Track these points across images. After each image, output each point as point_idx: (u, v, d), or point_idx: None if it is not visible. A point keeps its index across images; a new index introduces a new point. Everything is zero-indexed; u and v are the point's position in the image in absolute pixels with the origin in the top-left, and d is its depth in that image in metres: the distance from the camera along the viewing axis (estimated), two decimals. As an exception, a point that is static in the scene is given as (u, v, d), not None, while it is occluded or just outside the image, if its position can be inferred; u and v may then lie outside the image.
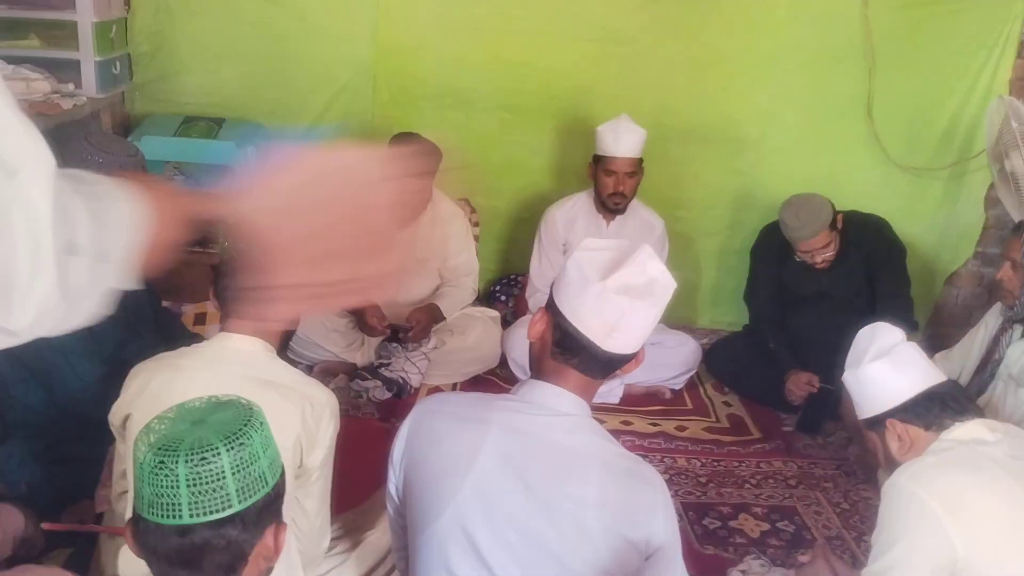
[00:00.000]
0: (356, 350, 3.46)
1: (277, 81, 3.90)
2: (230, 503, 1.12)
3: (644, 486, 1.49)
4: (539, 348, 1.54)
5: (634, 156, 3.45)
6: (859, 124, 3.89)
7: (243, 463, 1.13)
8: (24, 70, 2.97)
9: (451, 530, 1.48)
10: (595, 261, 1.46)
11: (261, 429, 1.18)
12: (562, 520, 1.44)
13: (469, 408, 1.56)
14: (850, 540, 2.73)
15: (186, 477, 1.09)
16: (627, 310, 1.42)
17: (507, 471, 1.46)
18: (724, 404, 3.57)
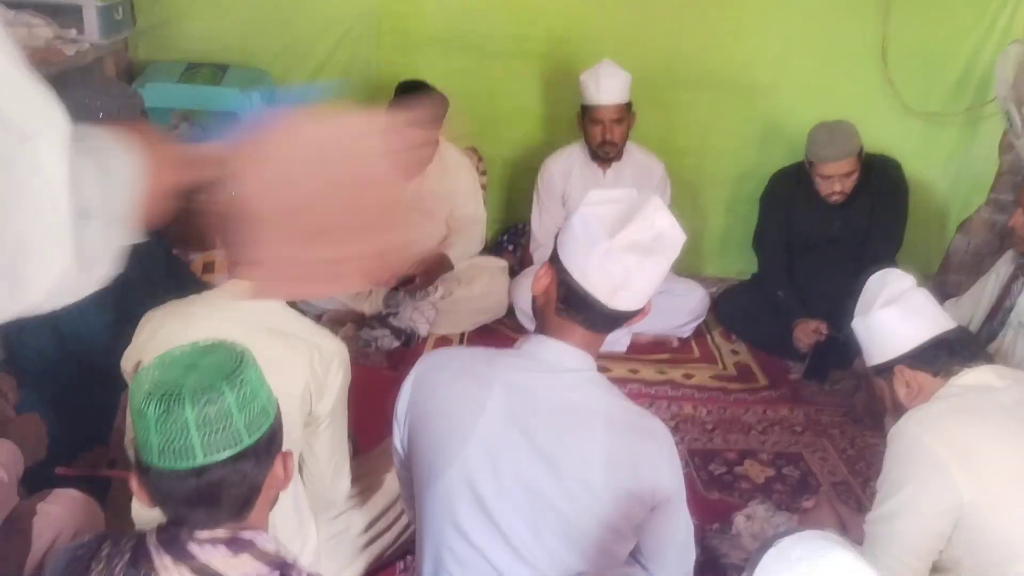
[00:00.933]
0: (364, 299, 3.47)
1: (281, 27, 3.84)
2: (240, 439, 1.15)
3: (649, 439, 1.49)
4: (543, 303, 1.53)
5: (619, 102, 3.39)
6: (873, 69, 3.82)
7: (247, 399, 1.16)
8: (26, 16, 2.93)
9: (457, 486, 1.49)
10: (602, 216, 1.44)
11: (254, 366, 1.22)
12: (566, 475, 1.45)
13: (473, 364, 1.56)
14: (856, 486, 2.76)
15: (195, 420, 1.11)
16: (634, 268, 1.41)
17: (512, 427, 1.47)
18: (731, 352, 3.58)
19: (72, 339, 2.40)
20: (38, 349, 2.48)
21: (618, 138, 3.44)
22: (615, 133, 3.42)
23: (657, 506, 1.51)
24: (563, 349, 1.49)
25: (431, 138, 3.38)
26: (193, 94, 3.62)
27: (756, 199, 3.73)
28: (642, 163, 3.58)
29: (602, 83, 3.34)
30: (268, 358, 1.73)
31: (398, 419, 1.63)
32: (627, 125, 3.45)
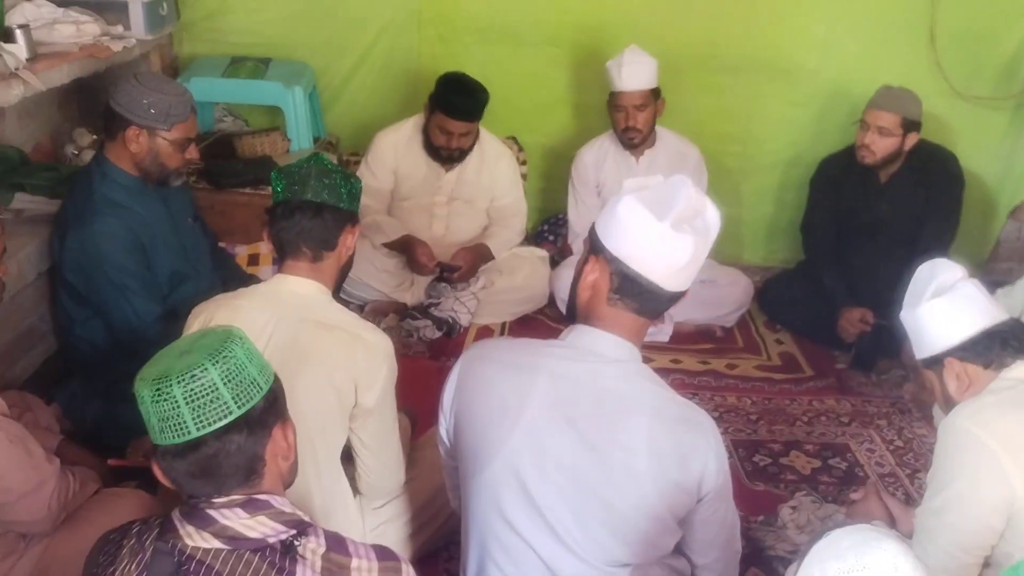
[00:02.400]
0: (406, 290, 3.48)
1: (322, 19, 3.87)
2: (229, 410, 1.20)
3: (695, 431, 1.48)
4: (589, 296, 1.53)
5: (642, 88, 3.34)
6: (921, 53, 3.74)
7: (231, 372, 1.20)
8: (73, 13, 2.97)
9: (503, 475, 1.50)
10: (647, 201, 1.45)
11: (242, 343, 1.25)
12: (612, 466, 1.45)
13: (518, 354, 1.56)
14: (904, 478, 2.72)
15: (183, 396, 1.17)
16: (690, 248, 1.44)
17: (557, 417, 1.47)
18: (776, 342, 3.54)
19: (122, 331, 2.45)
20: (89, 341, 2.53)
21: (642, 124, 3.40)
22: (638, 119, 3.38)
23: (703, 498, 1.50)
24: (609, 339, 1.50)
25: (471, 128, 3.38)
26: (236, 88, 3.67)
27: (804, 185, 3.68)
28: (676, 149, 3.54)
29: (624, 70, 3.31)
30: (313, 350, 1.77)
31: (444, 409, 1.64)
32: (653, 111, 3.41)
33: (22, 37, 2.58)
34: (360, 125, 3.97)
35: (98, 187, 2.41)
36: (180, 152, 2.44)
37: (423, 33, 3.91)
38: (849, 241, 3.45)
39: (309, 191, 1.83)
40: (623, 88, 3.34)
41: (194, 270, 2.62)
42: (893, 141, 3.23)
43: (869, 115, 3.26)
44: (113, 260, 2.37)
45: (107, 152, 2.45)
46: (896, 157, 3.29)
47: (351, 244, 1.91)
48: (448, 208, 3.58)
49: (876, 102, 3.26)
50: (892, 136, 3.23)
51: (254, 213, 3.29)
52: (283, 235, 1.85)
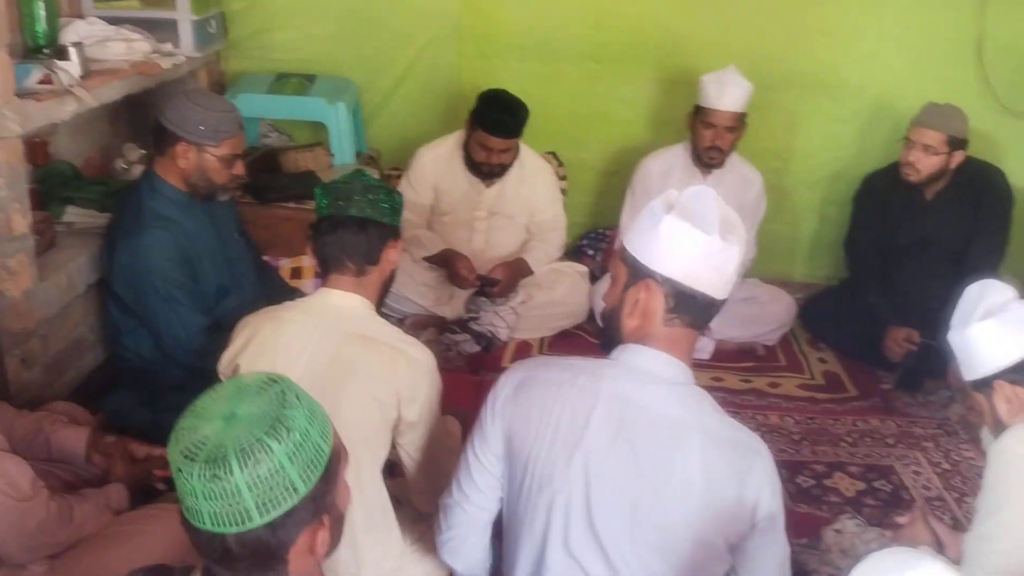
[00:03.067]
0: (446, 304, 3.50)
1: (366, 35, 3.92)
2: (296, 488, 1.08)
3: (750, 455, 1.46)
4: (639, 322, 1.50)
5: (736, 111, 3.32)
6: (968, 67, 3.69)
7: (297, 446, 1.07)
8: (124, 31, 3.04)
9: (563, 497, 1.48)
10: (688, 217, 1.46)
11: (296, 401, 1.11)
12: (668, 490, 1.43)
13: (574, 374, 1.52)
14: (951, 502, 2.66)
15: (247, 482, 1.04)
16: (737, 255, 1.48)
17: (616, 440, 1.45)
18: (819, 360, 3.49)
19: (168, 343, 2.49)
20: (136, 352, 2.58)
21: (727, 146, 3.37)
22: (726, 140, 3.35)
23: (757, 524, 1.47)
24: (663, 359, 1.49)
25: (512, 145, 3.40)
26: (281, 104, 3.72)
27: (848, 202, 3.64)
28: (742, 174, 3.51)
29: (726, 89, 3.28)
30: (357, 363, 1.79)
31: (487, 435, 1.59)
32: (739, 134, 3.39)
33: (75, 55, 2.64)
34: (401, 140, 4.01)
35: (147, 201, 2.46)
36: (227, 168, 2.48)
37: (464, 49, 3.94)
38: (894, 259, 3.40)
39: (353, 206, 1.85)
40: (719, 107, 3.31)
41: (239, 284, 2.66)
42: (938, 159, 3.19)
43: (914, 133, 3.22)
44: (161, 273, 2.41)
45: (156, 167, 2.50)
46: (942, 175, 3.25)
47: (394, 258, 1.93)
48: (488, 223, 3.59)
49: (921, 120, 3.21)
50: (937, 154, 3.18)
51: (297, 227, 3.33)
52: (327, 250, 1.87)
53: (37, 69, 2.44)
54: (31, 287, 2.43)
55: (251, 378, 1.15)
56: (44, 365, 2.61)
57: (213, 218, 2.59)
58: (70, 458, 2.14)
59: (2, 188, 2.32)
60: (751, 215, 3.50)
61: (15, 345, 2.47)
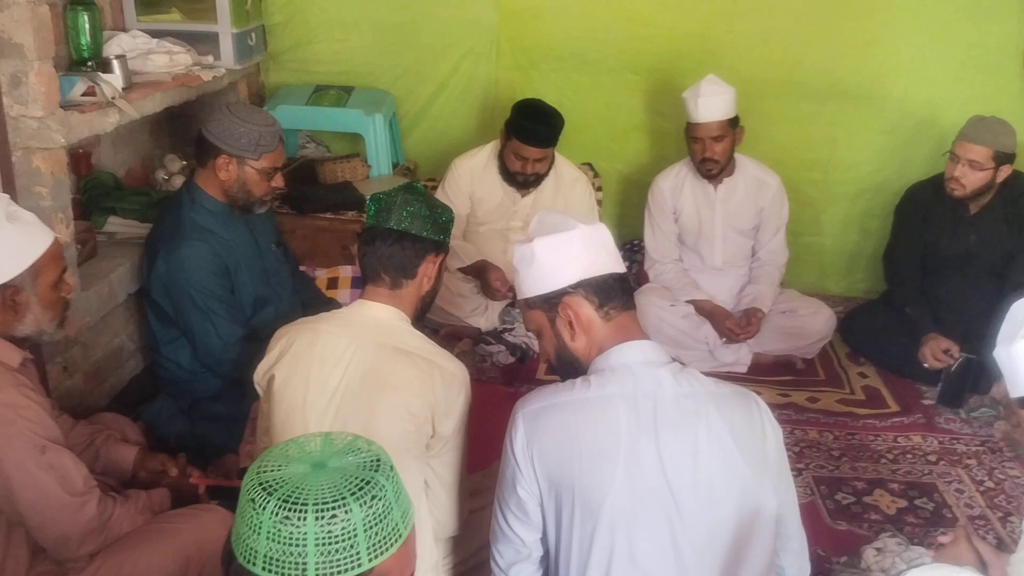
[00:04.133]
0: (480, 315, 3.50)
1: (403, 48, 3.95)
2: (359, 563, 1.00)
3: (750, 399, 1.58)
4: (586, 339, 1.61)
5: (718, 119, 3.27)
6: (1012, 79, 3.63)
7: (377, 517, 1.01)
8: (167, 43, 3.09)
9: (622, 508, 1.48)
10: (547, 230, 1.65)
11: (392, 476, 1.06)
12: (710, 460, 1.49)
13: (577, 392, 1.54)
14: (995, 521, 2.60)
15: (315, 536, 0.98)
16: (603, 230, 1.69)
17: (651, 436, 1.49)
18: (859, 375, 3.44)
19: (206, 352, 2.52)
20: (175, 361, 2.61)
21: (719, 155, 3.34)
22: (715, 151, 3.32)
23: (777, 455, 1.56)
24: (638, 346, 1.57)
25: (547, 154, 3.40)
26: (320, 116, 3.76)
27: (889, 214, 3.59)
28: (755, 177, 3.48)
29: (700, 101, 3.26)
30: (391, 376, 1.78)
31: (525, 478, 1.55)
32: (731, 142, 3.34)
33: (118, 67, 2.69)
34: (438, 151, 4.02)
35: (187, 212, 2.49)
36: (267, 180, 2.51)
37: (501, 61, 3.95)
38: (936, 273, 3.34)
39: (393, 219, 1.85)
40: (699, 120, 3.30)
41: (276, 294, 2.68)
42: (984, 175, 3.13)
43: (959, 147, 3.15)
44: (199, 283, 2.44)
45: (197, 178, 2.53)
46: (987, 190, 3.19)
47: (432, 274, 1.91)
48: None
49: (967, 134, 3.15)
50: (983, 169, 3.12)
51: (334, 237, 3.36)
52: (365, 260, 1.87)
53: (81, 81, 2.49)
54: (73, 296, 2.47)
55: (346, 435, 1.11)
56: (85, 373, 2.66)
57: (251, 229, 2.62)
58: (116, 474, 2.17)
59: (46, 198, 2.37)
60: (774, 217, 3.48)
61: (57, 353, 2.51)
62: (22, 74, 2.24)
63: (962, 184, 3.15)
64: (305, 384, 1.80)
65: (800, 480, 2.74)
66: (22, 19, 2.21)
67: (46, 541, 1.79)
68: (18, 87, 2.25)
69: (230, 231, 2.53)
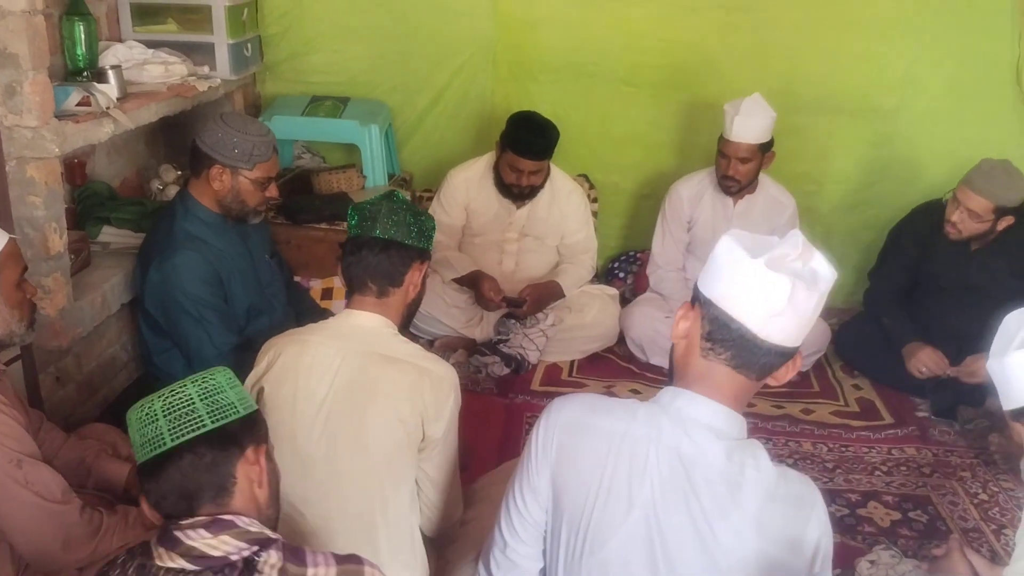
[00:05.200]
0: (475, 326, 3.50)
1: (400, 59, 3.96)
2: (203, 423, 1.30)
3: (807, 508, 1.40)
4: (684, 348, 1.43)
5: (750, 142, 3.27)
6: (1006, 92, 3.65)
7: (209, 391, 1.32)
8: (162, 54, 3.10)
9: (622, 555, 1.42)
10: (745, 242, 1.37)
11: (226, 375, 1.37)
12: (722, 549, 1.38)
13: (625, 423, 1.43)
14: (989, 533, 2.60)
15: (162, 409, 1.30)
16: (785, 291, 1.32)
17: (676, 496, 1.39)
18: (854, 387, 3.44)
19: (199, 362, 2.51)
20: (168, 371, 2.60)
21: (742, 176, 3.33)
22: (739, 171, 3.31)
23: (816, 572, 1.41)
24: (712, 408, 1.39)
25: (542, 167, 3.40)
26: (315, 126, 3.77)
27: (883, 226, 3.59)
28: (774, 197, 3.48)
29: (736, 120, 3.24)
30: (380, 383, 1.78)
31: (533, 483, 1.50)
32: (757, 165, 3.33)
33: (114, 77, 2.69)
34: (434, 162, 4.03)
35: (180, 222, 2.49)
36: (260, 190, 2.51)
37: (497, 72, 3.96)
38: (932, 296, 3.31)
39: (378, 227, 1.85)
40: (730, 137, 3.28)
41: (269, 304, 2.68)
42: (982, 226, 3.08)
43: (961, 193, 3.07)
44: (192, 292, 2.43)
45: (191, 188, 2.53)
46: (986, 235, 3.13)
47: (418, 281, 1.93)
48: (518, 245, 3.59)
49: (972, 181, 3.05)
50: (981, 221, 3.06)
51: (329, 248, 3.35)
52: (351, 270, 1.88)
53: (76, 91, 2.50)
54: (66, 306, 2.47)
55: None
56: (78, 383, 2.65)
57: (245, 239, 2.62)
58: (108, 491, 2.16)
59: (39, 208, 2.37)
60: None
61: (50, 363, 2.51)
62: (17, 84, 2.25)
63: (959, 230, 3.10)
64: (294, 395, 1.80)
65: (794, 492, 2.73)
66: (17, 29, 2.22)
67: (28, 554, 1.78)
68: (13, 97, 2.26)
69: (224, 241, 2.53)
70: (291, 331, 1.92)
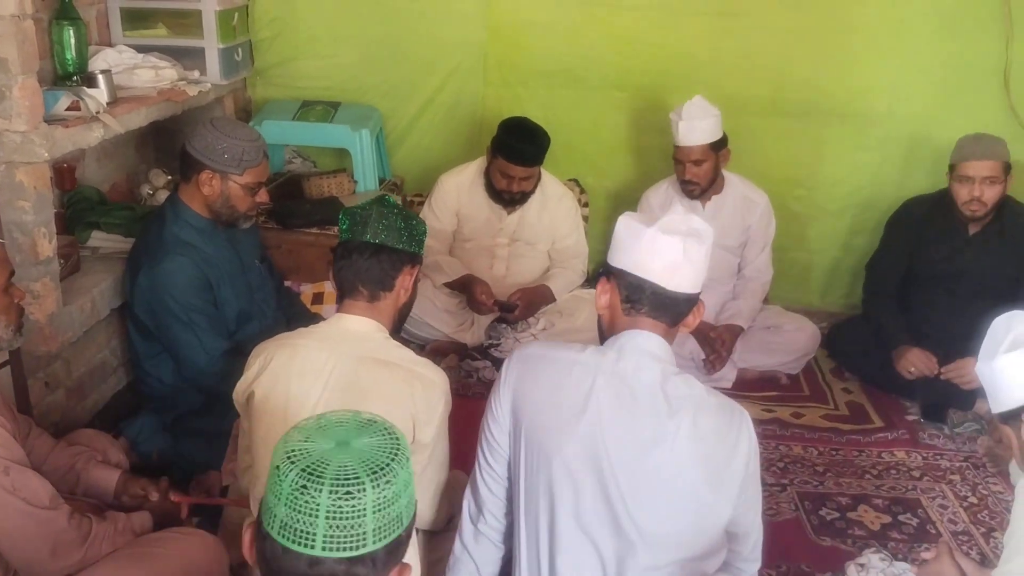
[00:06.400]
0: (466, 330, 3.50)
1: (391, 64, 3.96)
2: (364, 543, 1.06)
3: (737, 417, 1.62)
4: (609, 316, 1.70)
5: (700, 144, 3.29)
6: (995, 96, 3.66)
7: (386, 502, 1.07)
8: (152, 58, 3.09)
9: (569, 471, 1.60)
10: (638, 216, 1.68)
11: (406, 464, 1.12)
12: (668, 457, 1.57)
13: (575, 352, 1.67)
14: (978, 537, 2.60)
15: (326, 509, 1.04)
16: (679, 248, 1.60)
17: (619, 411, 1.59)
18: (844, 390, 3.45)
19: (188, 367, 2.50)
20: (157, 377, 2.60)
21: (700, 178, 3.35)
22: (696, 174, 3.33)
23: (747, 477, 1.60)
24: (647, 337, 1.63)
25: (533, 172, 3.40)
26: (306, 131, 3.76)
27: (874, 230, 3.61)
28: (744, 195, 3.49)
29: (682, 125, 3.27)
30: (371, 387, 1.78)
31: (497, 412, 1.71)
32: (713, 164, 3.34)
33: (103, 82, 2.69)
34: (425, 167, 4.03)
35: (170, 227, 2.48)
36: (250, 196, 2.50)
37: (488, 77, 3.96)
38: (924, 289, 3.34)
39: (369, 232, 1.86)
40: (680, 143, 3.32)
41: (259, 310, 2.67)
42: (1000, 187, 3.14)
43: (970, 168, 3.11)
44: (181, 297, 2.43)
45: (181, 193, 2.52)
46: (991, 211, 3.19)
47: (409, 285, 1.93)
48: (509, 250, 3.59)
49: (974, 153, 3.11)
50: (999, 183, 3.13)
51: (320, 252, 3.35)
52: (342, 274, 1.88)
53: (65, 96, 2.49)
54: (55, 311, 2.46)
55: (376, 418, 1.18)
56: (67, 388, 2.64)
57: (235, 245, 2.61)
58: (98, 498, 2.15)
59: (28, 212, 2.36)
60: (760, 234, 3.51)
61: (39, 368, 2.49)
62: (6, 88, 2.24)
63: (983, 203, 3.13)
64: (285, 400, 1.79)
65: (784, 495, 2.74)
66: (6, 33, 2.21)
67: (16, 561, 1.77)
68: (2, 101, 2.25)
69: (213, 246, 2.52)
70: (281, 335, 1.91)
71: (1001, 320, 1.84)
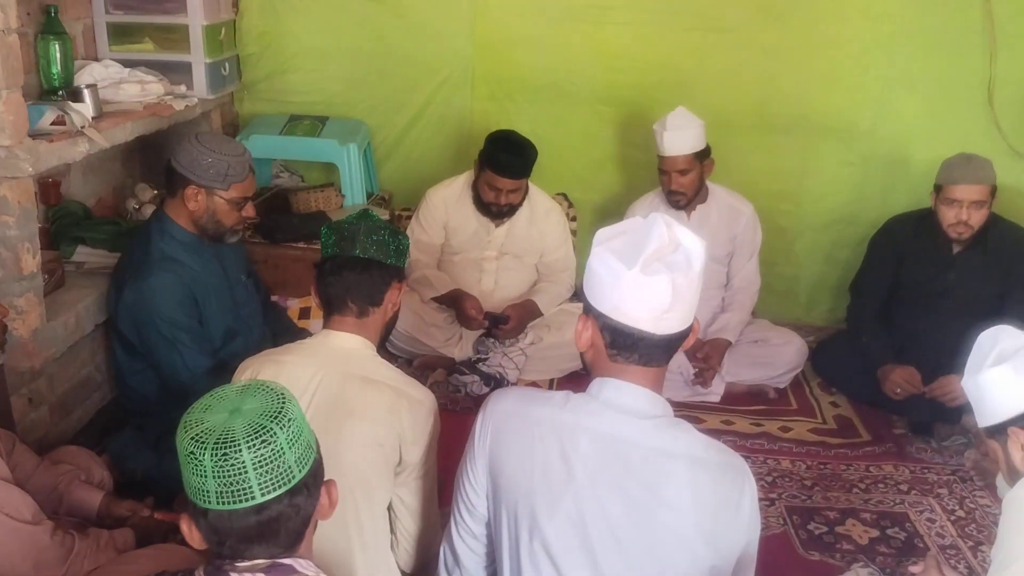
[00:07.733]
0: (454, 345, 3.49)
1: (378, 78, 3.96)
2: (292, 475, 1.20)
3: (740, 478, 1.46)
4: (593, 355, 1.51)
5: (685, 153, 3.31)
6: (979, 112, 3.69)
7: (295, 436, 1.21)
8: (139, 73, 3.09)
9: (558, 541, 1.46)
10: (616, 250, 1.42)
11: (295, 402, 1.26)
12: (661, 526, 1.43)
13: (554, 410, 1.50)
14: (966, 550, 2.60)
15: (252, 462, 1.16)
16: (667, 287, 1.38)
17: (604, 480, 1.44)
18: (831, 404, 3.45)
19: (173, 383, 2.48)
20: (141, 393, 2.58)
21: (686, 188, 3.37)
22: (682, 183, 3.35)
23: (749, 543, 1.48)
24: (635, 392, 1.46)
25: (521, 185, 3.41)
26: (294, 145, 3.76)
27: (859, 244, 3.62)
28: (729, 205, 3.51)
29: (666, 135, 3.30)
30: (357, 405, 1.77)
31: (472, 473, 1.58)
32: (698, 173, 3.37)
33: (89, 96, 2.68)
34: (413, 181, 4.03)
35: (156, 242, 2.47)
36: (237, 211, 2.49)
37: (476, 92, 3.97)
38: (908, 308, 3.34)
39: (358, 247, 1.85)
40: (665, 153, 3.33)
41: (245, 325, 2.66)
42: (986, 211, 3.14)
43: (958, 191, 3.11)
44: (166, 314, 2.41)
45: (167, 208, 2.51)
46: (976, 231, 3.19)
47: (397, 300, 1.92)
48: (497, 263, 3.59)
49: (963, 176, 3.10)
50: (986, 207, 3.13)
51: (307, 267, 3.31)
52: (330, 290, 1.86)
53: (50, 110, 2.48)
54: (39, 326, 2.44)
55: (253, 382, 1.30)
56: (51, 404, 2.62)
57: (221, 260, 2.60)
58: (80, 516, 2.13)
59: (12, 227, 2.34)
60: (747, 244, 3.52)
61: (22, 384, 2.47)
62: (-10, 103, 2.23)
63: (970, 226, 3.13)
64: (270, 416, 1.78)
65: (773, 510, 2.74)
66: (-10, 48, 2.20)
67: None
68: (-15, 116, 2.24)
69: (199, 262, 2.51)
70: (267, 351, 1.90)
71: (987, 335, 1.84)
